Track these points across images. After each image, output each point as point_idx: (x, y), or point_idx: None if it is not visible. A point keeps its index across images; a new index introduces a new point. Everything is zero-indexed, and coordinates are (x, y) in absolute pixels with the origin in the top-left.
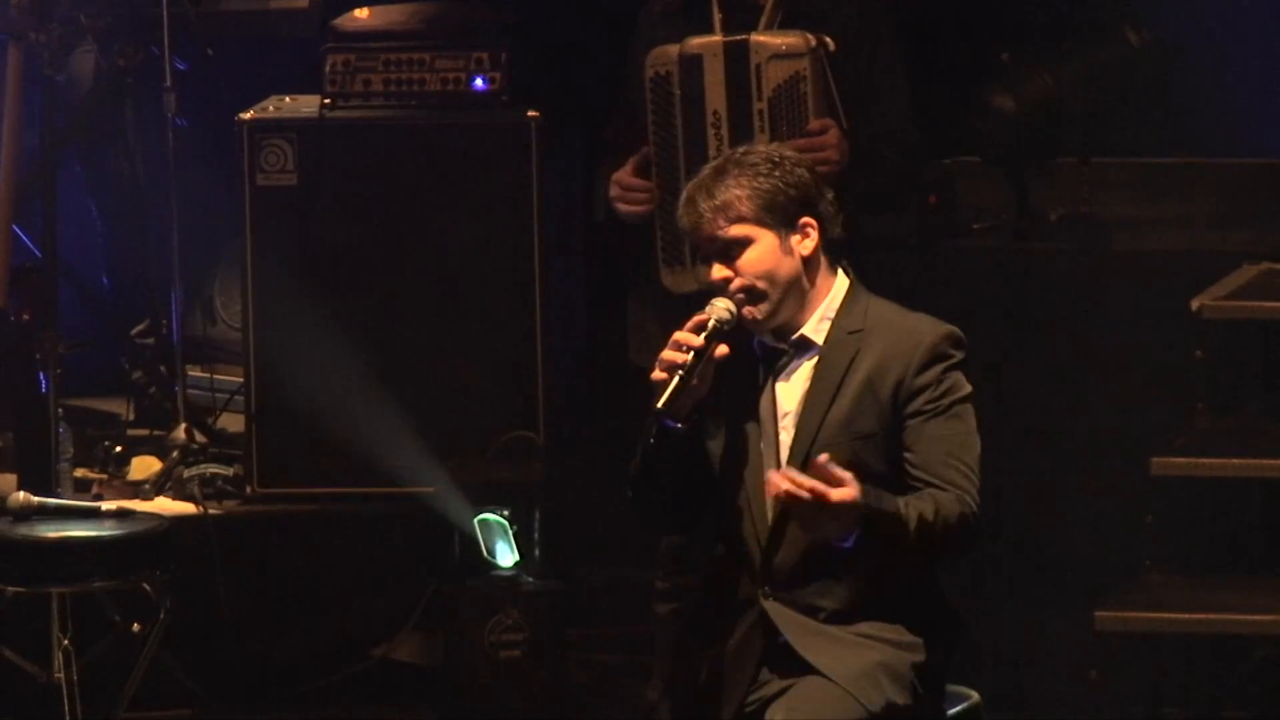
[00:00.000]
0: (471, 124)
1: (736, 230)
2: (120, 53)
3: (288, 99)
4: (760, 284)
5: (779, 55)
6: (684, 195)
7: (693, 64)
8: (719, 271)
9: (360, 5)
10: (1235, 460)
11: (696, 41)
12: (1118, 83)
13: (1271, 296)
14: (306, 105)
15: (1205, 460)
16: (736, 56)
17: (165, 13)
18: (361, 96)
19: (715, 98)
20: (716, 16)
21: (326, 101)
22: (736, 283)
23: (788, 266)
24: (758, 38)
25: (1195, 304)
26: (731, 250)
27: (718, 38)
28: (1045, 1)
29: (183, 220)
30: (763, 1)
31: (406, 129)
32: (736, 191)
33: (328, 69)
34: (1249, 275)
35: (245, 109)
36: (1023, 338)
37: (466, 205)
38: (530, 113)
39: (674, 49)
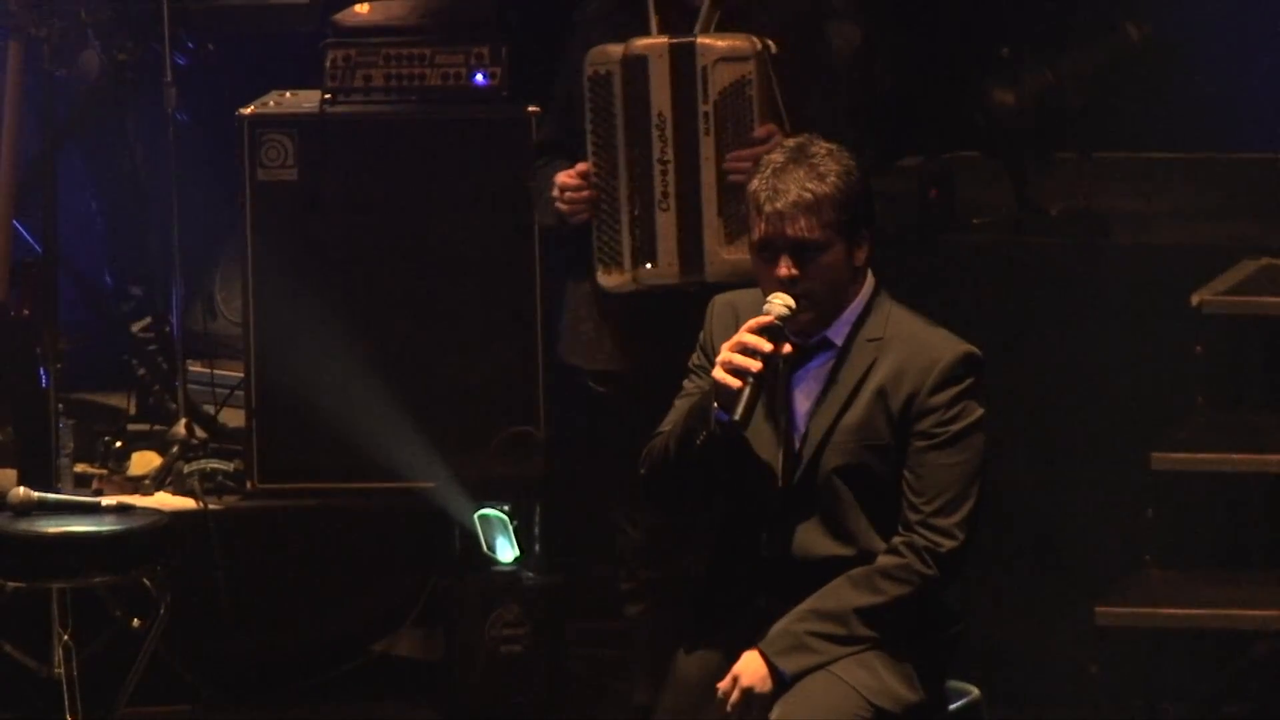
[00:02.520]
0: (472, 119)
1: (820, 234)
2: (120, 48)
3: (288, 94)
4: (823, 291)
5: (725, 58)
6: (761, 183)
7: (637, 65)
8: (787, 268)
9: (360, 0)
10: (1235, 455)
11: (641, 43)
12: (1118, 77)
13: (1272, 291)
14: (307, 100)
15: (1205, 455)
16: (683, 58)
17: (166, 8)
18: (362, 91)
19: (661, 100)
20: (653, 18)
21: (327, 96)
22: (802, 286)
23: (847, 276)
24: (704, 40)
25: (1196, 298)
26: (805, 252)
27: (663, 39)
28: None
29: (183, 215)
30: (698, 3)
31: (407, 124)
32: (826, 191)
33: (328, 64)
34: (1249, 270)
35: (246, 104)
36: (1023, 332)
37: (467, 200)
38: (530, 108)
39: (616, 49)
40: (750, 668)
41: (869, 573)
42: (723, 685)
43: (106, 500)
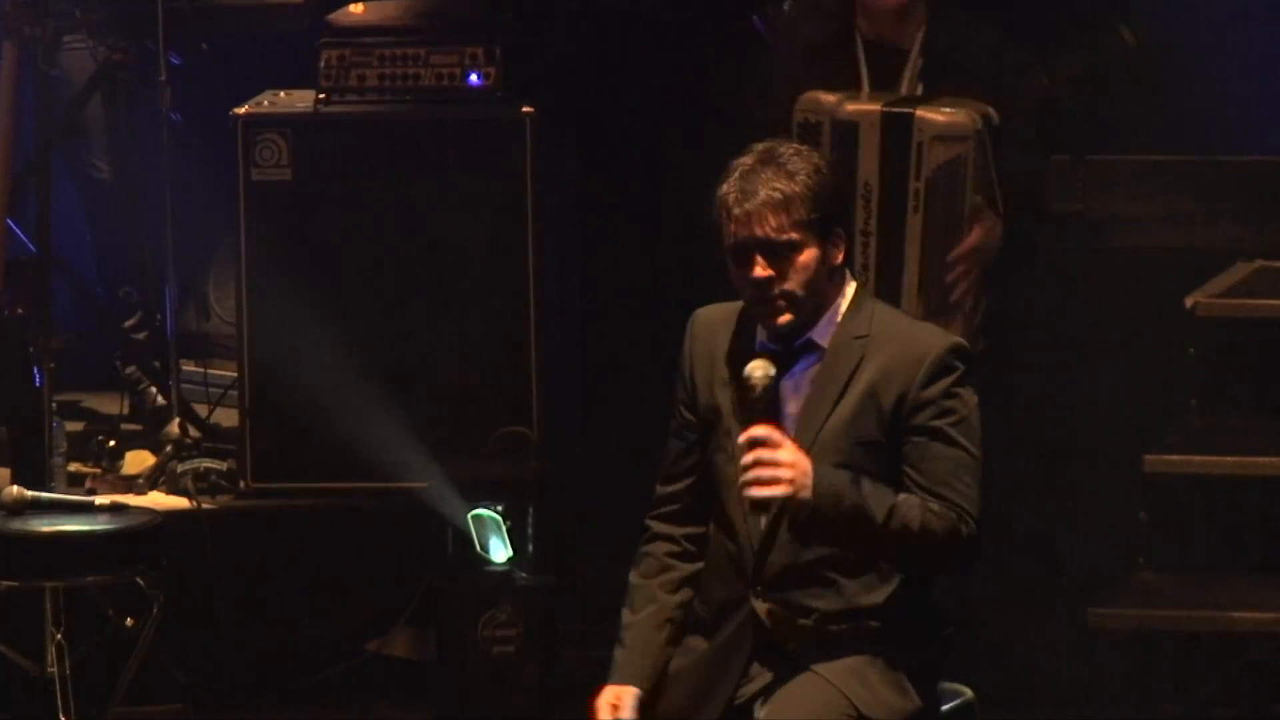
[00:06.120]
0: (466, 119)
1: (794, 234)
2: (115, 47)
3: (282, 94)
4: (802, 292)
5: (942, 136)
6: (730, 186)
7: (847, 130)
8: (763, 269)
9: (355, 0)
10: (1228, 458)
11: (853, 107)
12: (1113, 80)
13: (1265, 294)
14: (301, 100)
15: (1198, 458)
16: (898, 129)
17: (160, 7)
18: (356, 91)
19: (869, 169)
20: (862, 59)
21: (321, 96)
22: (781, 286)
23: (824, 276)
24: (922, 113)
25: (1189, 301)
26: (780, 251)
27: (877, 106)
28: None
29: (177, 215)
30: (907, 47)
31: (401, 124)
32: (795, 190)
33: (323, 64)
34: (1243, 273)
35: (240, 104)
36: (1017, 334)
37: (461, 200)
38: (525, 108)
39: (829, 100)
40: (798, 462)
41: (917, 498)
42: (756, 452)
43: (100, 500)
